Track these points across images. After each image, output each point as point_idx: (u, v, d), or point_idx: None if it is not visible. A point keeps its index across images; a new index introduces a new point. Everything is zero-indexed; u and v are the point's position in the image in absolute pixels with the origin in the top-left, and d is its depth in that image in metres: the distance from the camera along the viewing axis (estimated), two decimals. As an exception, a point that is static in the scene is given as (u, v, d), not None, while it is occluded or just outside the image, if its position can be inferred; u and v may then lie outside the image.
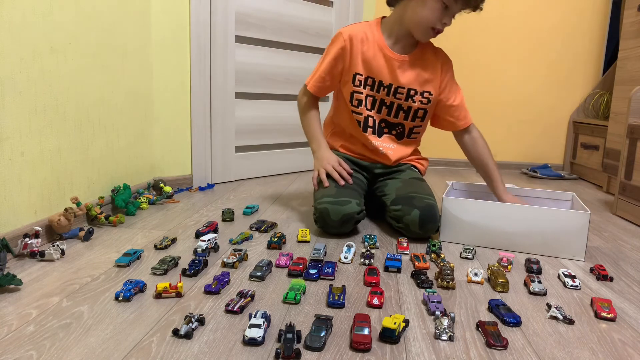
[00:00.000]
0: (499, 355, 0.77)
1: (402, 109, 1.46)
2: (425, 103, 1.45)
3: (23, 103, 1.13)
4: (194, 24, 1.80)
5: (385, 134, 1.50)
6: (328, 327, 0.81)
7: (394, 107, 1.46)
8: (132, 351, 0.74)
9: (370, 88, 1.44)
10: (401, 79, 1.42)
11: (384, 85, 1.43)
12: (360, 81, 1.43)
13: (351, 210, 1.31)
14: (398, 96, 1.44)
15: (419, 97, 1.44)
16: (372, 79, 1.43)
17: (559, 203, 1.45)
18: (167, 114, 1.80)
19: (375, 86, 1.43)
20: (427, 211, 1.30)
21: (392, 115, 1.47)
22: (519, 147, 2.76)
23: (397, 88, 1.42)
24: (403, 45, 1.43)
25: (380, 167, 1.53)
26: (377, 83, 1.43)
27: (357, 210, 1.32)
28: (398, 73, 1.41)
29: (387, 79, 1.42)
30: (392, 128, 1.50)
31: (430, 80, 1.44)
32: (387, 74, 1.42)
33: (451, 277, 1.03)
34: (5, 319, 0.83)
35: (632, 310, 0.96)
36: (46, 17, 1.19)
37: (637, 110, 1.74)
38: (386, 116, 1.48)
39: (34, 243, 1.11)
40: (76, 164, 1.35)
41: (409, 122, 1.49)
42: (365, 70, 1.42)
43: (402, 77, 1.42)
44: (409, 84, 1.42)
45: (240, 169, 2.10)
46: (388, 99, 1.45)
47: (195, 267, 1.05)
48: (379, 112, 1.47)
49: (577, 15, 2.61)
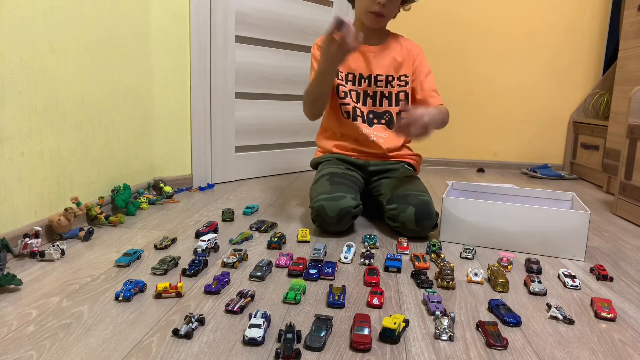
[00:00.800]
0: (499, 355, 0.77)
1: (385, 96, 1.55)
2: (404, 85, 1.55)
3: (23, 103, 1.13)
4: (194, 24, 1.80)
5: (375, 123, 1.56)
6: (328, 327, 0.81)
7: (378, 96, 1.55)
8: (132, 351, 0.74)
9: (352, 83, 1.54)
10: (377, 68, 1.52)
11: (364, 77, 1.53)
12: (341, 78, 1.52)
13: (347, 205, 1.31)
14: (378, 84, 1.54)
15: (397, 81, 1.54)
16: (352, 74, 1.53)
17: (559, 203, 1.45)
18: (167, 113, 1.80)
19: (357, 80, 1.53)
20: (422, 208, 1.31)
21: (377, 105, 1.56)
22: (518, 147, 2.76)
23: (376, 77, 1.53)
24: (373, 37, 1.52)
25: (375, 163, 1.54)
26: (358, 76, 1.53)
27: (353, 204, 1.33)
28: (373, 63, 1.52)
29: (365, 70, 1.53)
30: (380, 117, 1.56)
31: (402, 63, 1.54)
32: (364, 66, 1.53)
33: (451, 277, 1.03)
34: (5, 319, 0.83)
35: (632, 310, 0.96)
36: (46, 17, 1.19)
37: (637, 110, 1.74)
38: (372, 107, 1.56)
39: (34, 243, 1.11)
40: (76, 164, 1.35)
41: (394, 108, 1.56)
42: (343, 68, 1.52)
43: (378, 66, 1.52)
44: (385, 70, 1.53)
45: (240, 169, 2.10)
46: (370, 89, 1.54)
47: (195, 267, 1.05)
48: (364, 104, 1.55)
49: (577, 15, 2.61)
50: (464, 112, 2.68)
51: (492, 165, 2.75)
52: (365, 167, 1.55)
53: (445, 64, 2.63)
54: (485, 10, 2.61)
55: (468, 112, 2.69)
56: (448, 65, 2.64)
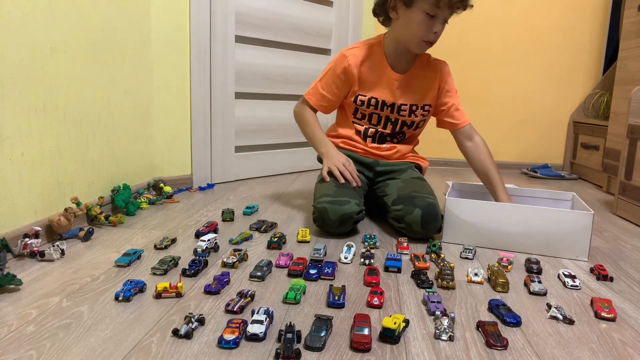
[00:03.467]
0: (499, 355, 0.77)
1: (406, 124, 1.52)
2: (426, 115, 1.52)
3: (23, 103, 1.13)
4: (194, 24, 1.80)
5: (388, 141, 1.54)
6: (328, 327, 0.81)
7: (399, 123, 1.51)
8: (132, 351, 0.74)
9: (374, 107, 1.48)
10: (401, 98, 1.47)
11: (387, 104, 1.47)
12: (362, 101, 1.48)
13: (350, 210, 1.31)
14: (402, 113, 1.48)
15: (420, 111, 1.50)
16: (376, 99, 1.47)
17: (559, 203, 1.45)
18: (167, 113, 1.80)
19: (379, 105, 1.47)
20: (429, 210, 1.30)
21: (397, 129, 1.53)
22: (519, 147, 2.76)
23: (400, 106, 1.47)
24: (403, 61, 1.46)
25: (383, 164, 1.53)
26: (381, 103, 1.47)
27: (357, 210, 1.32)
28: (397, 93, 1.46)
29: (389, 98, 1.47)
30: (393, 137, 1.55)
31: (428, 92, 1.48)
32: (389, 94, 1.46)
33: (451, 277, 1.03)
34: (5, 319, 0.83)
35: (632, 310, 0.96)
36: (46, 17, 1.19)
37: (637, 110, 1.74)
38: (390, 131, 1.53)
39: (34, 243, 1.11)
40: (76, 164, 1.35)
41: (410, 131, 1.55)
42: (368, 92, 1.47)
43: (402, 96, 1.47)
44: (410, 100, 1.47)
45: (240, 169, 2.10)
46: (392, 115, 1.49)
47: (195, 267, 1.04)
48: (384, 128, 1.52)
49: (577, 15, 2.61)
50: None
51: (492, 165, 2.75)
52: (374, 167, 1.53)
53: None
54: (485, 11, 2.61)
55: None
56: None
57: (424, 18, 1.30)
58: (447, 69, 1.51)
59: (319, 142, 1.53)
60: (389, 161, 1.54)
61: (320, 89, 1.51)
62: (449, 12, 1.32)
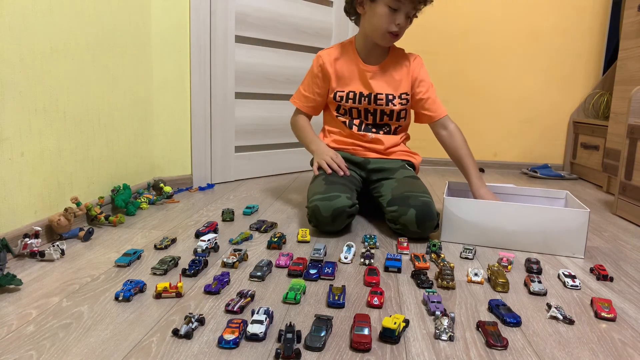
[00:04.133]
0: (499, 355, 0.77)
1: (385, 113, 1.56)
2: (405, 104, 1.55)
3: (23, 103, 1.13)
4: (194, 24, 1.80)
5: (374, 133, 1.58)
6: (328, 327, 0.81)
7: (378, 113, 1.56)
8: (132, 351, 0.74)
9: (353, 101, 1.54)
10: (376, 88, 1.52)
11: (364, 95, 1.53)
12: (341, 97, 1.55)
13: (341, 204, 1.31)
14: (379, 102, 1.53)
15: (398, 99, 1.54)
16: (353, 92, 1.54)
17: (553, 202, 1.46)
18: (167, 113, 1.80)
19: (357, 98, 1.54)
20: (424, 209, 1.31)
21: (378, 120, 1.58)
22: (519, 147, 2.76)
23: (376, 95, 1.53)
24: (375, 55, 1.53)
25: (374, 161, 1.54)
26: (358, 95, 1.54)
27: (348, 204, 1.33)
28: (371, 83, 1.52)
29: (365, 90, 1.54)
30: (379, 128, 1.58)
31: (402, 81, 1.54)
32: (362, 85, 1.54)
33: (451, 277, 1.03)
34: (5, 319, 0.83)
35: (632, 310, 0.96)
36: (46, 17, 1.19)
37: (637, 110, 1.74)
38: (372, 122, 1.58)
39: (34, 243, 1.11)
40: (76, 164, 1.35)
41: (393, 122, 1.58)
42: (345, 87, 1.55)
43: (376, 85, 1.53)
44: (385, 90, 1.53)
45: (240, 169, 2.10)
46: (371, 106, 1.55)
47: (195, 267, 1.05)
48: (366, 119, 1.58)
49: (577, 15, 2.61)
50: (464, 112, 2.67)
51: (492, 165, 2.75)
52: (365, 166, 1.55)
53: (444, 65, 2.63)
54: (485, 10, 2.61)
55: (468, 112, 2.69)
56: (447, 66, 2.64)
57: (387, 11, 1.40)
58: (420, 61, 1.57)
59: (310, 141, 1.60)
60: (379, 158, 1.56)
61: (303, 91, 1.61)
62: (411, 6, 1.40)
